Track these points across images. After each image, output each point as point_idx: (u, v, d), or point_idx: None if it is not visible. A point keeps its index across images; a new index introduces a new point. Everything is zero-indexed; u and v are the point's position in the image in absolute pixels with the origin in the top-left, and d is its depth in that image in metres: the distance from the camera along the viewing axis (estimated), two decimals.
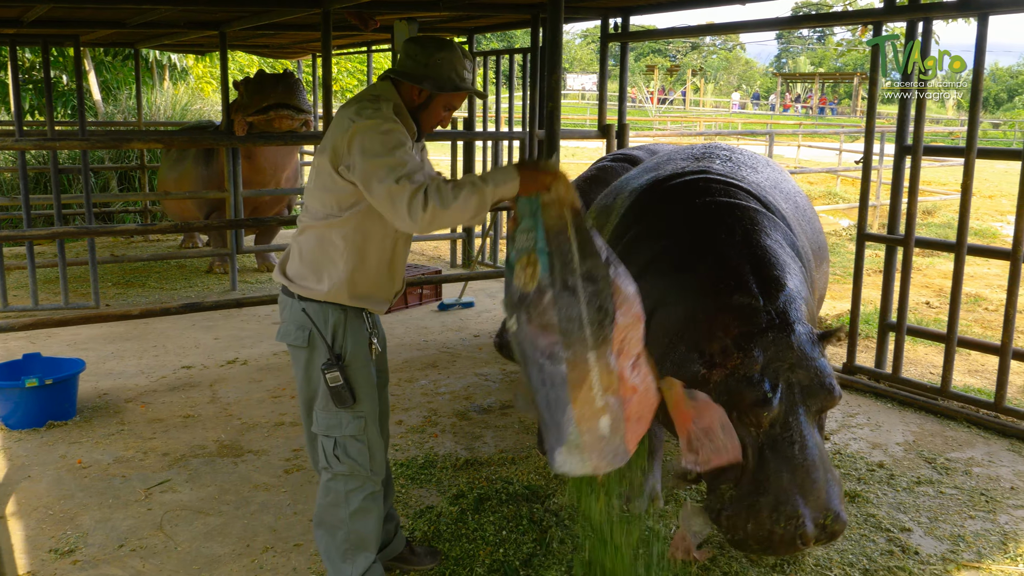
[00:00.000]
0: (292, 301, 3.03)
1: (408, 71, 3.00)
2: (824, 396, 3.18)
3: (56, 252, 7.52)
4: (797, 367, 3.17)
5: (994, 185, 19.70)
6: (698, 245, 3.67)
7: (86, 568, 3.53)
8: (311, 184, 3.01)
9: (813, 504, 3.03)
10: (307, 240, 3.01)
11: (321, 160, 2.93)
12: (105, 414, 5.21)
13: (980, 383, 6.07)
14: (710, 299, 3.40)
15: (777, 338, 3.20)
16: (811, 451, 3.10)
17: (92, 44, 11.63)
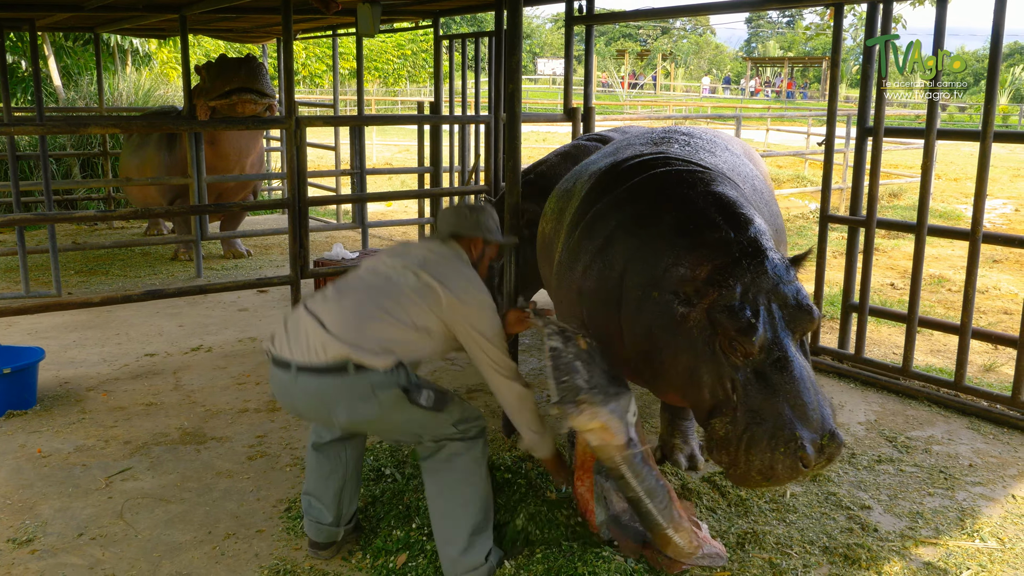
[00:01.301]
0: (349, 377, 3.05)
1: (467, 230, 3.50)
2: (804, 317, 3.21)
3: (16, 240, 7.39)
4: (775, 291, 3.20)
5: (959, 168, 19.96)
6: (661, 202, 3.72)
7: (45, 557, 3.49)
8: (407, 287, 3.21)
9: (809, 426, 3.04)
10: (387, 328, 3.14)
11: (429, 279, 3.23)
12: (66, 403, 5.14)
13: (941, 363, 6.16)
14: (680, 240, 3.42)
15: (752, 265, 3.23)
16: (800, 373, 3.12)
17: (50, 28, 11.41)
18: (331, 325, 3.10)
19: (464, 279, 3.31)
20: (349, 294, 3.25)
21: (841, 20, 5.75)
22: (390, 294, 3.20)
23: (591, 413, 3.11)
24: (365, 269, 3.40)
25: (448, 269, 3.30)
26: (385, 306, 3.16)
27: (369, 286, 3.27)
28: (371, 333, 3.09)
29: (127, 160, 9.32)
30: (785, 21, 71.85)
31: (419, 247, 3.45)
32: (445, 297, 3.20)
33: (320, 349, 3.05)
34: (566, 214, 4.29)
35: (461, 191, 8.77)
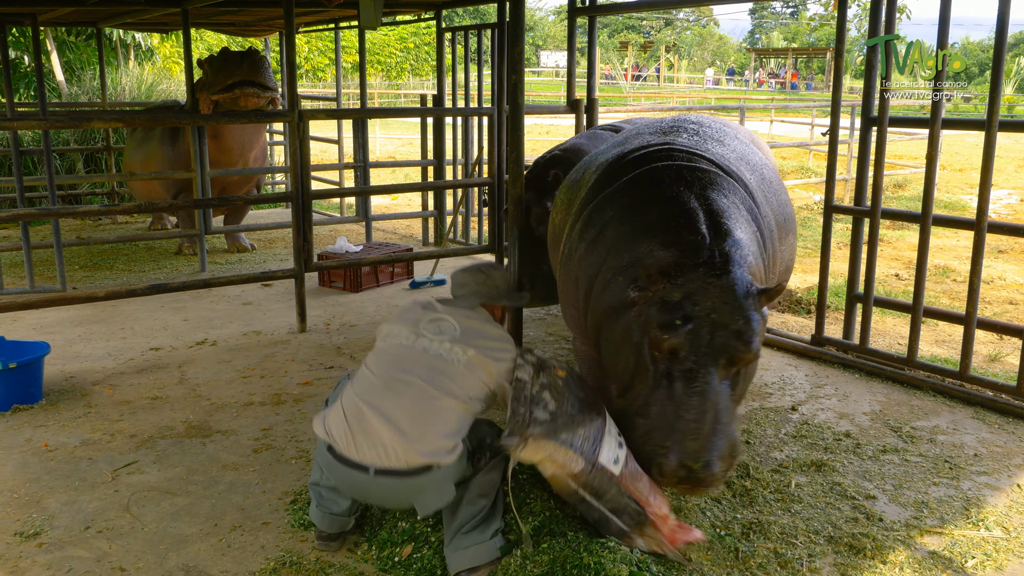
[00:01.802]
0: (429, 474, 3.16)
1: (495, 295, 3.65)
2: (736, 345, 3.17)
3: (20, 235, 7.40)
4: (718, 309, 3.19)
5: (964, 159, 19.90)
6: (656, 195, 3.75)
7: (52, 550, 3.50)
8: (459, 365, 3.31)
9: (685, 443, 3.09)
10: (452, 414, 3.23)
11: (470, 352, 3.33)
12: (72, 397, 5.16)
13: (946, 353, 6.15)
14: (659, 235, 3.49)
15: (708, 275, 3.25)
16: (704, 395, 3.14)
17: (52, 23, 11.40)
18: (407, 428, 3.16)
19: (502, 341, 3.44)
20: (407, 382, 3.27)
21: (845, 10, 5.72)
22: (446, 373, 3.28)
23: (535, 447, 3.17)
24: (409, 343, 3.40)
25: (488, 339, 3.41)
26: (446, 388, 3.25)
27: (425, 368, 3.30)
28: (442, 428, 3.19)
29: (131, 155, 9.33)
30: (789, 12, 71.62)
31: (452, 315, 3.48)
32: (495, 366, 3.33)
33: (400, 455, 3.14)
34: (573, 205, 4.30)
35: (465, 183, 8.77)
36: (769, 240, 4.03)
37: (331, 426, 3.27)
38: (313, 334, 6.43)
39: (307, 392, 5.25)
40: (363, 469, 3.16)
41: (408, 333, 3.41)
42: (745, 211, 3.78)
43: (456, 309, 3.54)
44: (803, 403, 5.15)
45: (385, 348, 3.43)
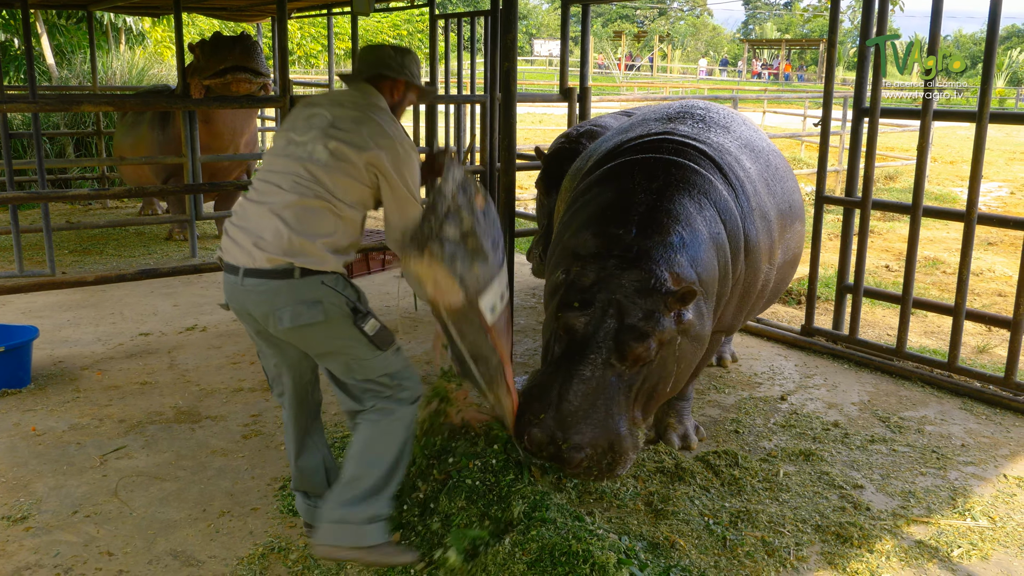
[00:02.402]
0: (290, 282, 2.99)
1: (391, 69, 3.30)
2: (628, 337, 3.25)
3: (9, 219, 7.36)
4: (619, 302, 3.29)
5: (955, 151, 19.94)
6: (615, 188, 3.84)
7: (39, 535, 3.49)
8: (322, 161, 3.05)
9: (557, 420, 3.18)
10: (316, 214, 3.03)
11: (341, 147, 3.06)
12: (60, 382, 5.14)
13: (935, 344, 6.17)
14: (594, 225, 3.60)
15: (617, 267, 3.34)
16: (588, 381, 3.22)
17: (42, 6, 11.31)
18: (267, 230, 3.00)
19: (370, 123, 3.13)
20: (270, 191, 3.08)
21: (839, 2, 5.72)
22: (309, 174, 3.05)
23: (429, 265, 3.08)
24: (279, 149, 3.17)
25: (355, 121, 3.12)
26: (308, 190, 3.04)
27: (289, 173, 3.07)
28: (304, 228, 3.00)
29: (120, 139, 9.27)
30: (782, 3, 71.61)
31: (328, 104, 3.21)
32: (359, 156, 3.06)
33: (259, 254, 2.99)
34: (568, 192, 4.39)
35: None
36: (764, 233, 4.04)
37: (221, 243, 3.18)
38: None
39: None
40: (235, 272, 3.05)
41: (281, 139, 3.21)
42: (712, 210, 3.79)
43: (337, 96, 3.29)
44: (792, 393, 5.16)
45: (265, 156, 3.24)
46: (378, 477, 3.16)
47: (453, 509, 3.31)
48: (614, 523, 3.54)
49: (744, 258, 3.98)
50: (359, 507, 3.12)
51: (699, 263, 3.59)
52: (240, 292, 3.06)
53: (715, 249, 3.72)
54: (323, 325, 3.05)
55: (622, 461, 3.25)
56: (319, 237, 3.02)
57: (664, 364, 3.41)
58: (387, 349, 3.16)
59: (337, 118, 3.14)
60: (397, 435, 3.20)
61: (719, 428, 4.62)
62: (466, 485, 3.37)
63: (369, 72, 3.31)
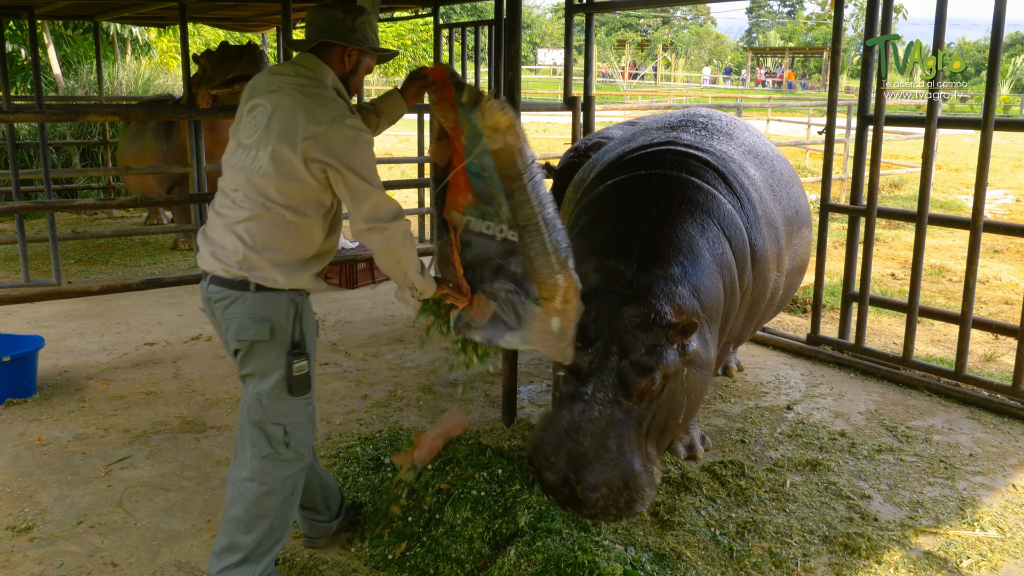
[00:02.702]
0: (245, 294, 2.87)
1: (340, 36, 2.98)
2: (631, 374, 3.21)
3: (16, 228, 7.38)
4: (623, 338, 3.25)
5: (960, 159, 19.91)
6: (617, 210, 3.80)
7: (44, 545, 3.49)
8: (263, 170, 2.84)
9: (568, 462, 3.14)
10: (266, 228, 2.86)
11: (280, 148, 2.82)
12: (66, 391, 5.14)
13: (942, 352, 6.15)
14: (595, 258, 3.55)
15: (616, 303, 3.31)
16: (598, 420, 3.17)
17: (49, 16, 11.36)
18: (226, 239, 2.88)
19: (303, 109, 2.84)
20: (227, 204, 2.93)
21: (842, 10, 5.72)
22: (257, 186, 2.85)
23: (504, 109, 2.95)
24: (229, 156, 2.98)
25: (290, 111, 2.85)
26: (258, 203, 2.85)
27: (239, 185, 2.90)
28: (257, 242, 2.85)
29: (124, 149, 9.29)
30: (786, 11, 71.69)
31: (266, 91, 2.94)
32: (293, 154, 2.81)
33: (217, 263, 2.89)
34: (571, 205, 4.38)
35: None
36: (772, 241, 4.03)
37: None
38: None
39: None
40: (205, 277, 2.96)
41: (232, 142, 3.00)
42: (715, 229, 3.76)
43: (277, 77, 2.98)
44: (798, 402, 5.14)
45: (224, 164, 3.02)
46: (252, 543, 2.99)
47: (458, 520, 3.29)
48: (620, 534, 3.52)
49: (751, 268, 3.96)
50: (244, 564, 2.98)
51: (701, 290, 3.55)
52: (205, 296, 2.98)
53: (719, 271, 3.69)
54: (265, 344, 2.91)
55: (640, 498, 3.19)
56: (270, 252, 2.86)
57: (673, 397, 3.37)
58: (299, 396, 2.98)
59: (275, 108, 2.88)
60: (264, 505, 2.99)
61: (725, 438, 4.60)
62: (471, 496, 3.36)
63: (315, 40, 2.99)
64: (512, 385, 4.52)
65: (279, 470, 3.00)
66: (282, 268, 2.88)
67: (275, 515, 3.03)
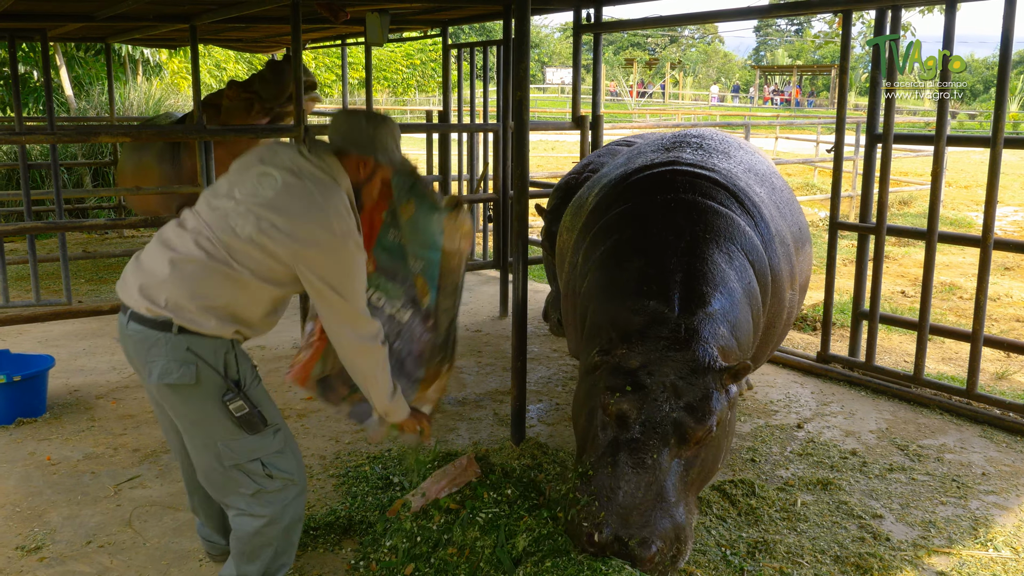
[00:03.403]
0: (167, 336, 2.74)
1: (359, 142, 2.96)
2: (688, 421, 3.06)
3: (27, 248, 7.43)
4: (674, 385, 3.11)
5: (970, 176, 19.87)
6: (642, 243, 3.66)
7: (53, 565, 3.49)
8: (247, 236, 2.76)
9: (621, 516, 2.94)
10: (214, 280, 2.77)
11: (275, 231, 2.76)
12: (75, 411, 5.15)
13: (953, 370, 6.11)
14: (631, 299, 3.41)
15: (669, 348, 3.17)
16: (649, 470, 3.00)
17: (61, 38, 11.47)
18: (161, 277, 2.77)
19: (315, 210, 2.77)
20: (188, 238, 2.82)
21: (850, 27, 5.73)
22: (227, 244, 2.77)
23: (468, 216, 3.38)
24: (217, 202, 2.86)
25: (300, 201, 2.78)
26: (219, 256, 2.77)
27: (212, 230, 2.80)
28: (196, 289, 2.74)
29: (123, 166, 9.30)
30: (794, 30, 71.86)
31: (284, 170, 2.86)
32: (287, 246, 2.75)
33: (142, 300, 2.76)
34: (575, 229, 4.29)
35: (470, 199, 8.77)
36: (785, 259, 3.95)
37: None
38: None
39: (310, 407, 5.23)
40: (124, 312, 2.83)
41: (224, 186, 2.91)
42: (741, 257, 3.68)
43: (297, 156, 2.91)
44: (809, 420, 5.12)
45: (201, 199, 2.95)
46: (257, 572, 3.05)
47: (467, 540, 3.28)
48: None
49: (771, 289, 3.87)
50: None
51: (738, 328, 3.46)
52: (124, 334, 2.85)
53: (748, 302, 3.60)
54: (192, 389, 2.78)
55: (685, 551, 3.04)
56: (205, 299, 2.75)
57: (719, 442, 3.25)
58: (256, 432, 2.88)
59: (286, 189, 2.81)
60: (266, 536, 2.98)
61: (735, 457, 4.57)
62: (480, 516, 3.34)
63: (337, 144, 2.99)
64: (521, 404, 4.51)
65: (275, 500, 2.97)
66: (219, 316, 2.78)
67: (278, 541, 3.02)
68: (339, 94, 33.77)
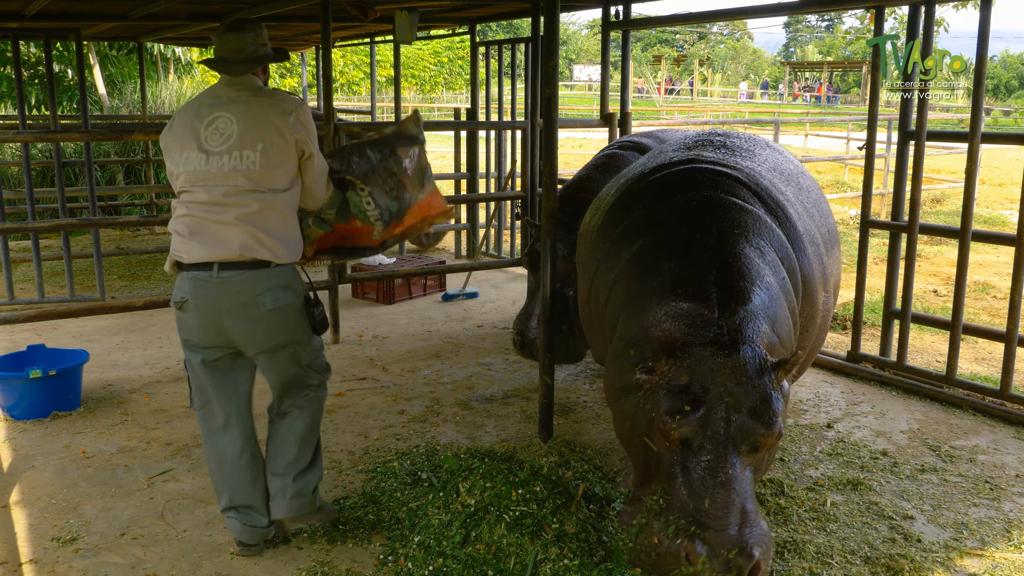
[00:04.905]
0: (270, 271, 3.35)
1: (261, 57, 3.54)
2: (756, 429, 2.93)
3: (61, 245, 7.55)
4: (732, 392, 2.96)
5: (1004, 173, 19.60)
6: (670, 245, 3.52)
7: (88, 556, 3.54)
8: (257, 164, 3.32)
9: (713, 530, 2.84)
10: (269, 214, 3.35)
11: (270, 140, 3.34)
12: (109, 405, 5.23)
13: (987, 371, 6.04)
14: (666, 304, 3.25)
15: (717, 354, 3.02)
16: (729, 487, 2.89)
17: (95, 38, 11.64)
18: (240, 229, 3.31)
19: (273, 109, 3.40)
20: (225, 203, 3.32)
21: (882, 23, 5.68)
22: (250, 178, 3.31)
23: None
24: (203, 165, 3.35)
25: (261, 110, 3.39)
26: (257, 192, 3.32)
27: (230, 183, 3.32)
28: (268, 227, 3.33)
29: None
30: (824, 26, 71.15)
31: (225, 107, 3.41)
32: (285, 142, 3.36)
33: (237, 248, 3.29)
34: (593, 232, 4.17)
35: (498, 197, 8.79)
36: (816, 259, 3.81)
37: (177, 248, 3.42)
38: (346, 345, 6.47)
39: (340, 403, 5.27)
40: (208, 268, 3.31)
41: (197, 154, 3.36)
42: (772, 252, 3.53)
43: (226, 93, 3.46)
44: (839, 420, 5.08)
45: (189, 173, 3.37)
46: (313, 455, 3.65)
47: (494, 538, 3.29)
48: None
49: (802, 291, 3.73)
50: (305, 481, 3.57)
51: (779, 323, 3.31)
52: (211, 286, 3.32)
53: (785, 298, 3.45)
54: (291, 307, 3.40)
55: (770, 557, 2.95)
56: (270, 234, 3.32)
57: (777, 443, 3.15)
58: (320, 333, 3.57)
59: (240, 116, 3.37)
60: (319, 419, 3.70)
61: None
62: (507, 514, 3.36)
63: (250, 65, 3.51)
64: (549, 401, 4.52)
65: (322, 394, 3.70)
66: (287, 246, 3.41)
67: (318, 441, 3.71)
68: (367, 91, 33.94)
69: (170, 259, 3.47)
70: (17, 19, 7.44)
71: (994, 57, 58.07)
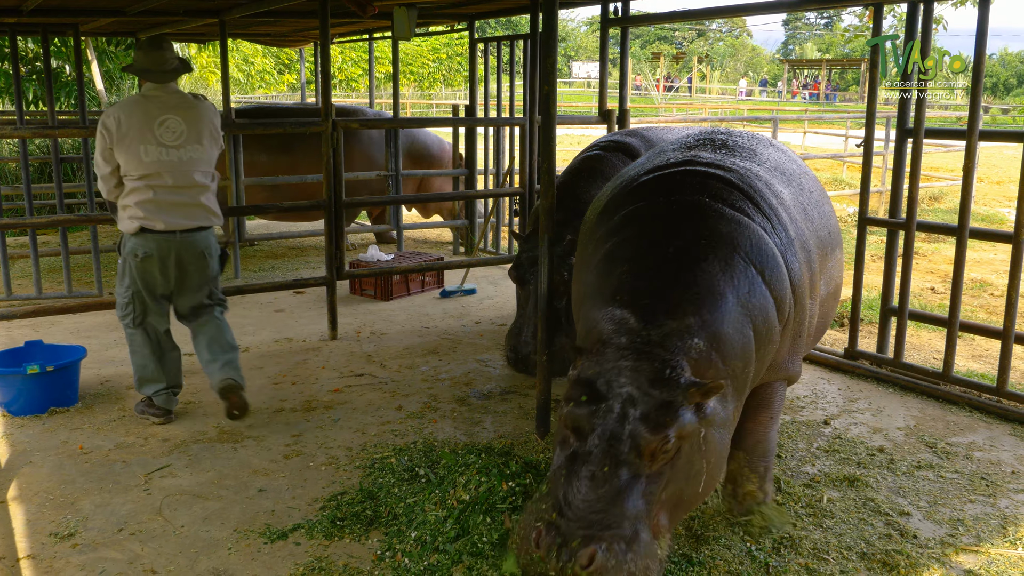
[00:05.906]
0: (209, 231, 4.85)
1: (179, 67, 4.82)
2: (640, 432, 2.89)
3: (59, 241, 7.54)
4: (632, 394, 2.96)
5: (1002, 171, 19.61)
6: (630, 250, 3.51)
7: (85, 551, 3.55)
8: (205, 155, 4.75)
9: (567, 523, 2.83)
10: (211, 192, 4.81)
11: (212, 136, 4.80)
12: (107, 400, 5.23)
13: (983, 368, 6.05)
14: (606, 308, 3.28)
15: (623, 359, 3.04)
16: (600, 482, 2.87)
17: (93, 33, 11.62)
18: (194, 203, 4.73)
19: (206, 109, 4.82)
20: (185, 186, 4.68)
21: (881, 21, 5.68)
22: (200, 166, 4.73)
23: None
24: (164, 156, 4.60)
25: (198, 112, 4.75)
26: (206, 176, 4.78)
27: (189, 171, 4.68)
28: (209, 200, 4.79)
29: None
30: (823, 23, 71.18)
31: (172, 109, 4.64)
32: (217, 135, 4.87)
33: (194, 219, 4.73)
34: (589, 230, 4.12)
35: (496, 193, 8.79)
36: (805, 265, 3.76)
37: (148, 218, 4.63)
38: (344, 342, 6.47)
39: (338, 399, 5.28)
40: (172, 232, 4.65)
41: (155, 148, 4.57)
42: (744, 264, 3.41)
43: (170, 100, 4.67)
44: (836, 417, 5.09)
45: (151, 163, 4.57)
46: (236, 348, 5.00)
47: (485, 531, 3.30)
48: None
49: (792, 296, 3.63)
50: (235, 354, 4.95)
51: (723, 341, 3.20)
52: (175, 243, 4.67)
53: (746, 314, 3.33)
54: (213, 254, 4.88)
55: (642, 571, 2.83)
56: (214, 206, 4.81)
57: (690, 463, 3.05)
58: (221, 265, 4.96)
59: (188, 118, 4.66)
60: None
61: None
62: (499, 508, 3.37)
63: (174, 74, 4.73)
64: (547, 397, 4.53)
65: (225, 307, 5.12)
66: (217, 213, 4.88)
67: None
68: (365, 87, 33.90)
69: (133, 224, 4.64)
70: (15, 14, 7.43)
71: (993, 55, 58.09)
